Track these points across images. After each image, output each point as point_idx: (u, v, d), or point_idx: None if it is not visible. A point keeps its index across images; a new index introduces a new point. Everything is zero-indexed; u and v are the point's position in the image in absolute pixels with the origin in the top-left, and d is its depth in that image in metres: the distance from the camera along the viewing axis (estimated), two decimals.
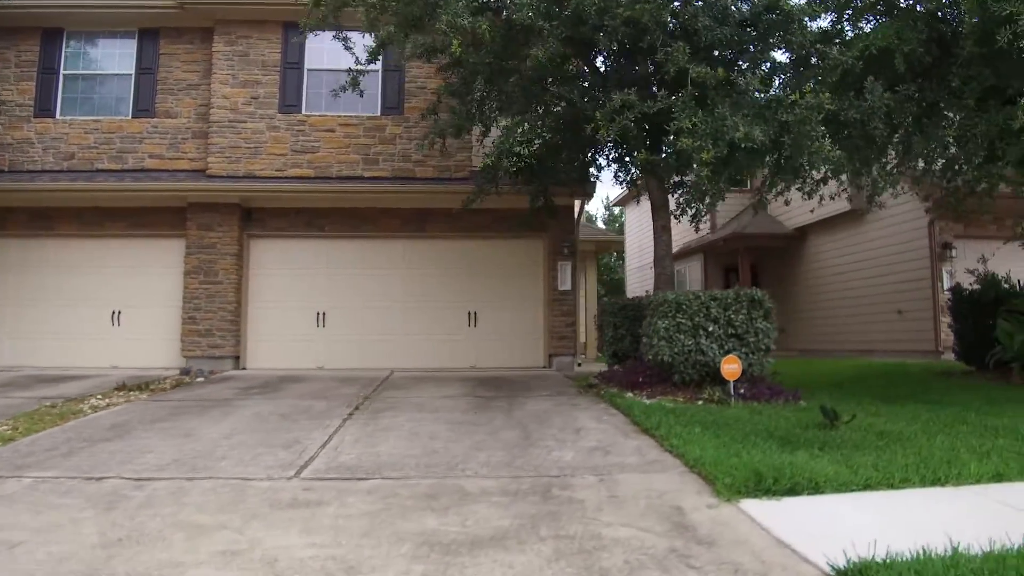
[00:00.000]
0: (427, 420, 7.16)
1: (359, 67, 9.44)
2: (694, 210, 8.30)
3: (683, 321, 7.87)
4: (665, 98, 7.42)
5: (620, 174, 12.12)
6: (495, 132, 11.01)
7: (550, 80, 8.43)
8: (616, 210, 40.97)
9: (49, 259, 13.09)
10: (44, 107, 13.15)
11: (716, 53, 7.81)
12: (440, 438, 6.28)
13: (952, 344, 12.48)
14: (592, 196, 12.73)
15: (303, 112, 12.86)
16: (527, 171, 10.99)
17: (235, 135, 12.74)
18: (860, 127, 7.50)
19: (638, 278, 26.59)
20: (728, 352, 7.84)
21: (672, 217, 9.80)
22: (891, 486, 4.57)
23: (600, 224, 42.55)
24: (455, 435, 6.41)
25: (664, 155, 8.45)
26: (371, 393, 9.25)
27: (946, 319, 13.33)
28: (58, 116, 13.14)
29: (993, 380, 10.16)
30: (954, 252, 14.59)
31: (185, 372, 11.70)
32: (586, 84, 8.62)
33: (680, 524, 3.96)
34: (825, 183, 9.92)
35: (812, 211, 15.33)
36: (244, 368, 12.82)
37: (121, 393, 9.47)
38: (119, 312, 13.02)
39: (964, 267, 13.06)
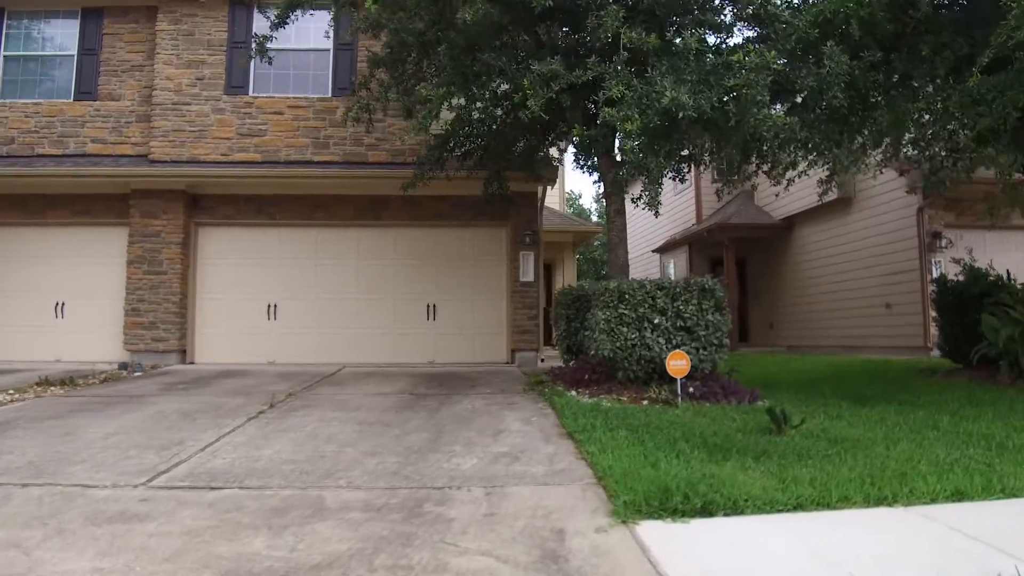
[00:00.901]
0: (337, 421, 6.52)
1: (265, 36, 8.79)
2: (646, 193, 7.57)
3: (626, 312, 7.20)
4: (596, 66, 6.72)
5: (579, 158, 11.42)
6: (446, 114, 10.36)
7: (483, 49, 7.72)
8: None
9: None
10: None
11: (657, 14, 7.09)
12: (336, 441, 5.65)
13: (938, 340, 11.76)
14: (553, 182, 12.04)
15: (250, 93, 12.20)
16: (477, 154, 10.34)
17: (179, 118, 12.09)
18: (818, 96, 6.78)
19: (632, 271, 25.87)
20: (676, 347, 7.17)
21: (631, 202, 9.12)
22: (827, 506, 3.91)
23: (595, 218, 41.80)
24: (357, 438, 5.77)
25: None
26: (302, 390, 8.63)
27: (935, 313, 12.62)
28: None
29: (978, 379, 9.42)
30: (944, 242, 13.85)
31: (124, 367, 11.09)
32: (523, 54, 7.90)
33: (552, 553, 3.31)
34: (795, 166, 9.21)
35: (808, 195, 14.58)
36: (192, 362, 12.21)
37: (40, 388, 8.91)
38: (63, 304, 12.41)
39: (952, 258, 12.35)
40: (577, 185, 61.85)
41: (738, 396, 7.26)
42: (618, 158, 8.49)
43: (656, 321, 7.19)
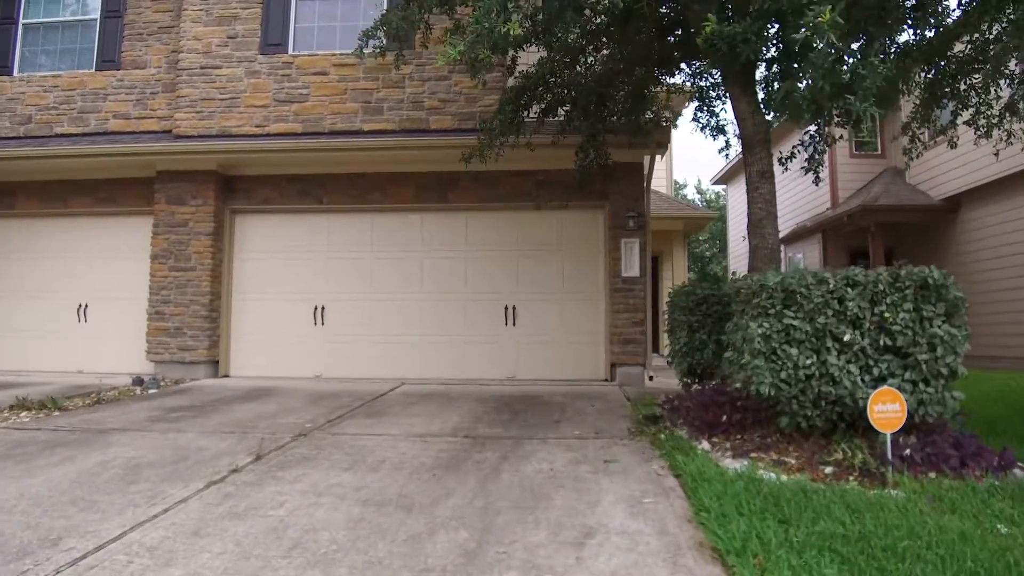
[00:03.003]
0: (335, 494, 4.12)
1: None
2: (815, 144, 4.83)
3: (797, 324, 4.48)
4: None
5: (700, 112, 8.71)
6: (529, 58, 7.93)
7: None
8: (716, 192, 36.74)
9: (11, 242, 10.91)
10: (1, 64, 10.94)
11: None
12: (310, 546, 3.24)
13: None
14: (664, 148, 9.32)
15: (290, 52, 10.07)
16: (565, 111, 7.83)
17: (208, 84, 10.11)
18: None
19: (743, 266, 22.72)
20: (881, 380, 4.42)
21: (777, 162, 6.40)
22: None
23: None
24: (349, 537, 3.36)
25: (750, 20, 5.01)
26: (324, 424, 6.35)
27: None
28: (15, 74, 10.90)
29: None
30: None
31: (138, 382, 9.15)
32: None
33: None
34: None
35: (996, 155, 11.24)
36: (227, 375, 10.22)
37: (11, 412, 7.13)
38: (85, 306, 10.68)
39: None
40: (681, 173, 58.04)
41: (982, 460, 4.43)
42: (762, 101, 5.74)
43: (847, 338, 4.44)
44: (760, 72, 6.47)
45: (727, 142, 9.27)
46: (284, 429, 6.12)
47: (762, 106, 6.05)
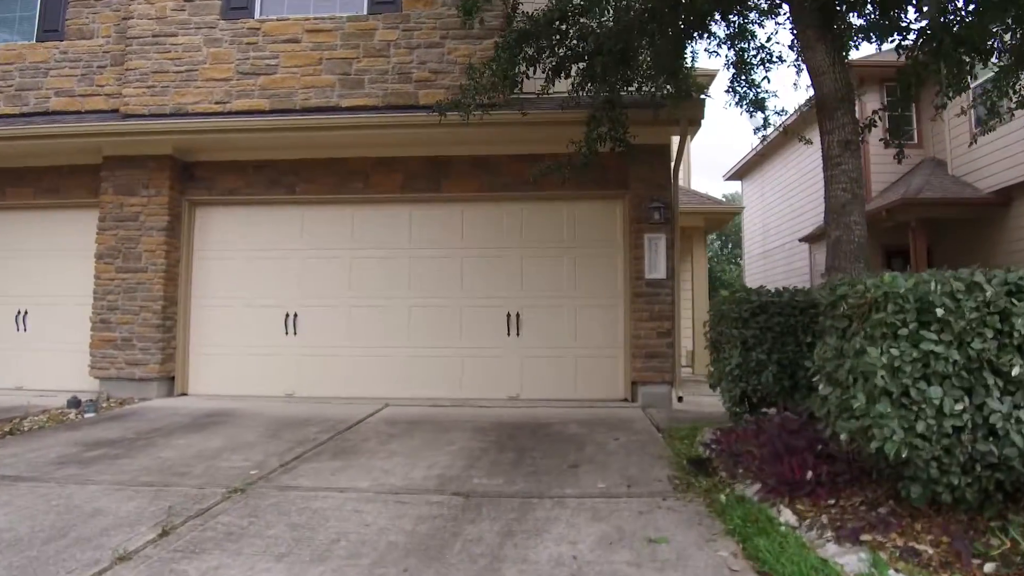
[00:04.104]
0: None
1: None
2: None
3: (939, 350, 3.03)
4: None
5: (737, 82, 7.30)
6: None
7: None
8: (730, 191, 35.24)
9: None
10: None
11: None
12: None
13: None
14: (698, 124, 7.87)
15: (256, 16, 8.64)
16: (576, 67, 6.43)
17: (161, 55, 8.68)
18: None
19: (760, 268, 21.33)
20: None
21: (862, 128, 4.98)
22: None
23: None
24: None
25: None
26: (278, 469, 4.93)
27: None
28: None
29: None
30: None
31: (74, 404, 7.73)
32: None
33: None
34: None
35: None
36: (184, 394, 8.79)
37: None
38: (25, 312, 9.26)
39: None
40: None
41: None
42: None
43: (1016, 372, 2.99)
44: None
45: (765, 120, 7.87)
46: (221, 479, 4.69)
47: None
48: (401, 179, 8.61)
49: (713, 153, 50.43)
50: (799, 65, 6.99)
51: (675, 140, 8.28)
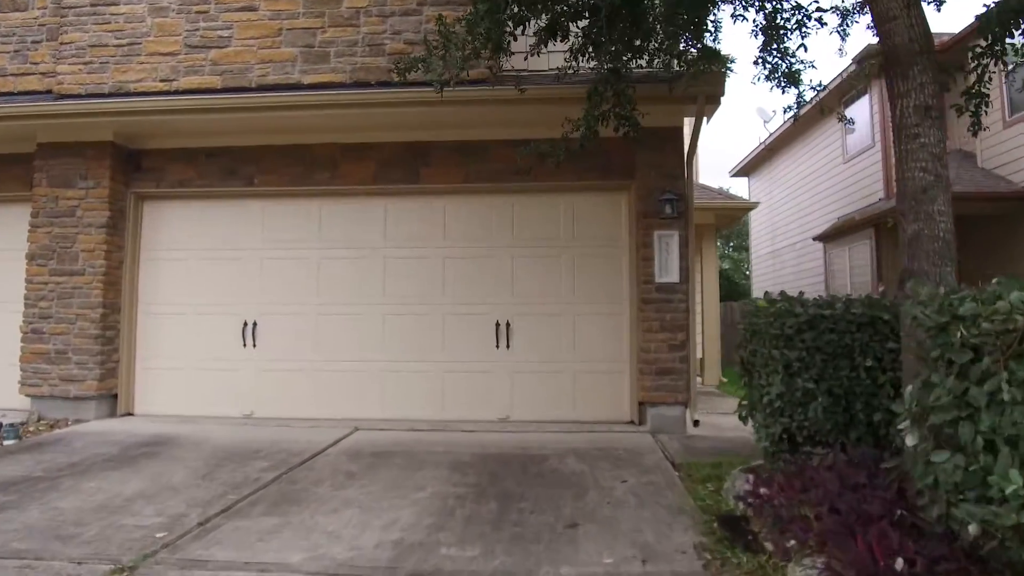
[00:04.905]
0: None
1: None
2: None
3: None
4: None
5: (768, 51, 6.19)
6: None
7: None
8: (731, 189, 34.08)
9: None
10: None
11: None
12: None
13: None
14: (718, 101, 6.72)
15: None
16: (581, 26, 5.35)
17: (100, 26, 7.58)
18: None
19: (769, 268, 20.23)
20: None
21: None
22: None
23: None
24: None
25: None
26: (195, 528, 3.84)
27: None
28: None
29: None
30: None
31: None
32: None
33: None
34: None
35: None
36: (129, 414, 7.71)
37: None
38: None
39: None
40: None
41: None
42: None
43: None
44: None
45: (799, 98, 6.77)
46: (113, 546, 3.60)
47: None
48: (374, 168, 7.51)
49: (710, 157, 49.08)
50: (843, 29, 5.90)
51: (687, 126, 7.19)
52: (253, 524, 4.00)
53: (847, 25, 5.93)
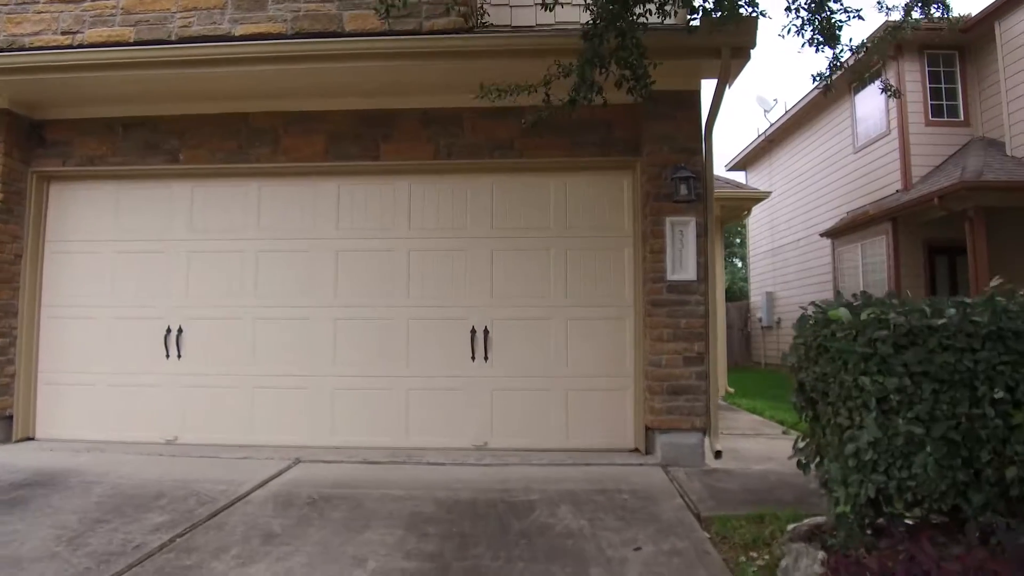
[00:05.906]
0: None
1: None
2: None
3: None
4: None
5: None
6: None
7: None
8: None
9: None
10: None
11: None
12: None
13: None
14: (746, 56, 5.41)
15: None
16: None
17: None
18: None
19: (768, 266, 19.02)
20: None
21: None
22: None
23: None
24: None
25: None
26: None
27: None
28: None
29: None
30: None
31: None
32: None
33: None
34: None
35: None
36: (29, 438, 6.37)
37: None
38: None
39: None
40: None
41: None
42: None
43: None
44: None
45: (835, 60, 5.58)
46: None
47: None
48: (324, 142, 6.19)
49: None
50: None
51: (705, 90, 5.92)
52: None
53: None
